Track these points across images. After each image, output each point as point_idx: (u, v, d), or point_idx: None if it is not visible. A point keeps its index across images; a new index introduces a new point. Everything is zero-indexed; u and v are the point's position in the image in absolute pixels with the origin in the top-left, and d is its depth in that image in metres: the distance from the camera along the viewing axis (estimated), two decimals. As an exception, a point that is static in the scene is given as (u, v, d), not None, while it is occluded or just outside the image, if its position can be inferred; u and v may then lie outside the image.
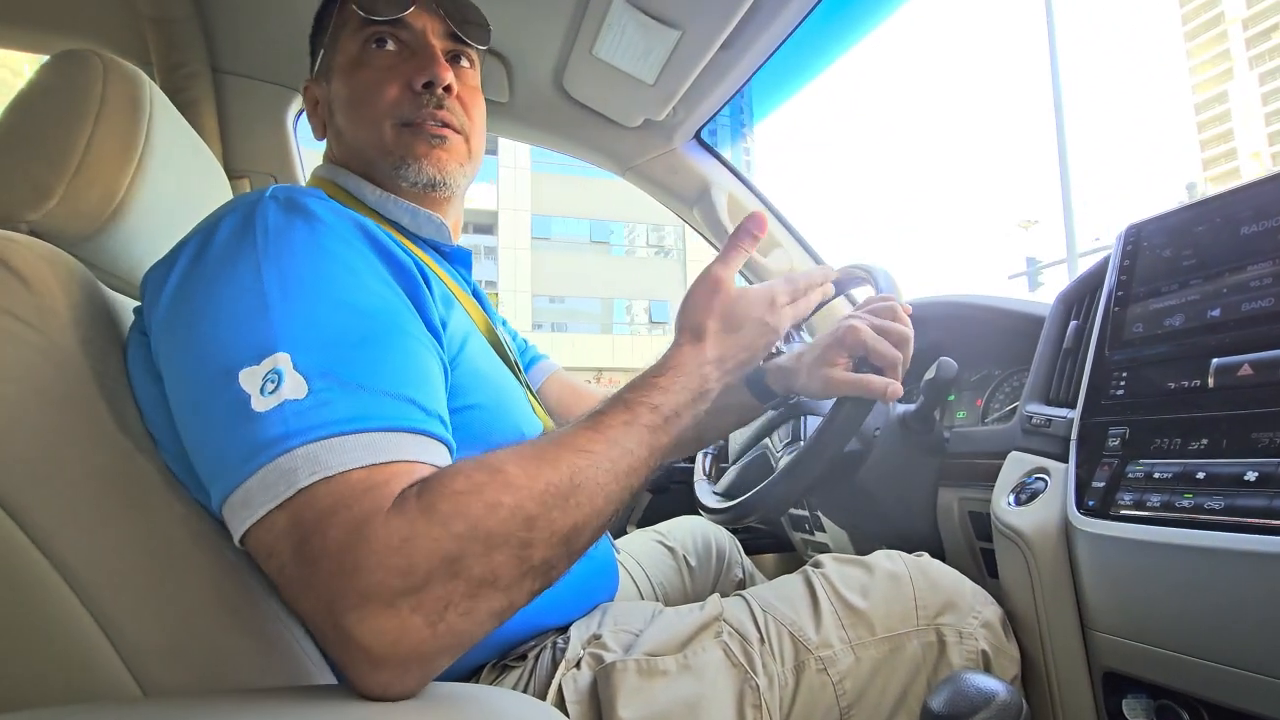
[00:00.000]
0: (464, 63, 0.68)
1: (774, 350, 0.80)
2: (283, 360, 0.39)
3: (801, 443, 0.85)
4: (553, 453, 0.43)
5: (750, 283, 1.58)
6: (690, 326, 0.56)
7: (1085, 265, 0.80)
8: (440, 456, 0.42)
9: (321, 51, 0.68)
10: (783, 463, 0.90)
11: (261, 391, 0.38)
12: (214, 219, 0.47)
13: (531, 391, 0.72)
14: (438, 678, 0.39)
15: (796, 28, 0.98)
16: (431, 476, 0.39)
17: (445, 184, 0.64)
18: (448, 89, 0.63)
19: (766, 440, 0.97)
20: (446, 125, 0.63)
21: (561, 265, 19.92)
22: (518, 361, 0.71)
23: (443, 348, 0.51)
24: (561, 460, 0.42)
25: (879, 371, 0.67)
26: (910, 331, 0.69)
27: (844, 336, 0.70)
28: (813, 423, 0.88)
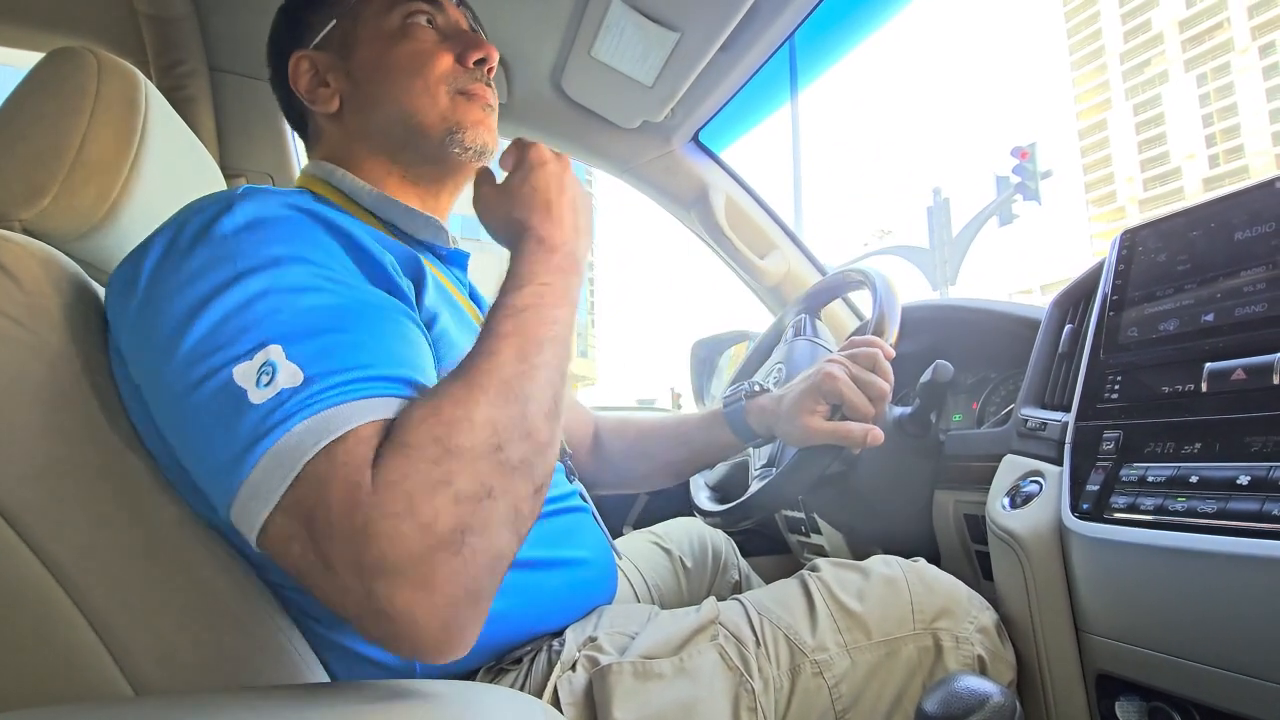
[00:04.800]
0: None
1: (756, 389, 0.81)
2: (275, 352, 0.39)
3: (775, 468, 0.84)
4: (469, 369, 0.43)
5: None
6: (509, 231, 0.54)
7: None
8: None
9: (333, 21, 0.66)
10: (755, 479, 0.89)
11: (257, 384, 0.39)
12: (177, 222, 0.47)
13: None
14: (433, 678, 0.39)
15: (795, 30, 0.98)
16: (392, 422, 0.40)
17: (490, 152, 0.66)
18: (490, 69, 0.66)
19: (750, 450, 0.96)
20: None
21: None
22: None
23: (427, 334, 0.52)
24: (479, 369, 0.43)
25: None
26: (887, 386, 0.69)
27: (821, 383, 0.70)
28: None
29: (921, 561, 0.68)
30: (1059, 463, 0.65)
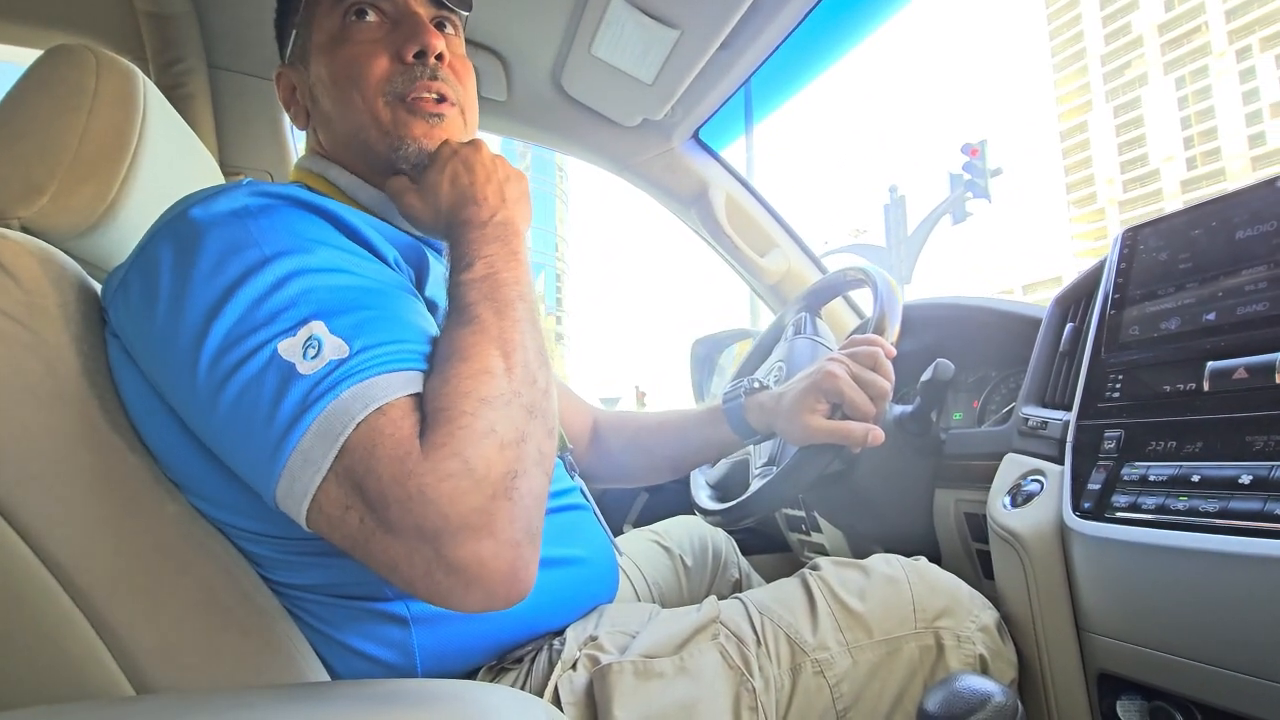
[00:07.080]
0: (449, 29, 0.64)
1: (756, 386, 0.81)
2: (318, 327, 0.41)
3: (775, 467, 0.84)
4: (458, 336, 0.45)
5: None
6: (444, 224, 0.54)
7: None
8: None
9: (294, 33, 0.63)
10: (756, 478, 0.89)
11: (304, 357, 0.40)
12: (181, 215, 0.46)
13: None
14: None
15: (795, 27, 0.98)
16: (418, 402, 0.41)
17: None
18: (439, 58, 0.60)
19: (751, 449, 0.96)
20: (443, 99, 0.60)
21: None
22: None
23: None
24: (470, 332, 0.45)
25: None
26: (888, 385, 0.69)
27: (821, 382, 0.69)
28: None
29: (923, 560, 0.67)
30: (1060, 461, 0.65)
